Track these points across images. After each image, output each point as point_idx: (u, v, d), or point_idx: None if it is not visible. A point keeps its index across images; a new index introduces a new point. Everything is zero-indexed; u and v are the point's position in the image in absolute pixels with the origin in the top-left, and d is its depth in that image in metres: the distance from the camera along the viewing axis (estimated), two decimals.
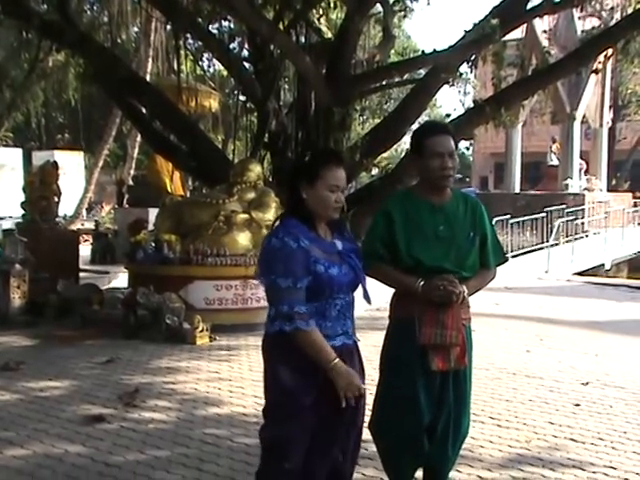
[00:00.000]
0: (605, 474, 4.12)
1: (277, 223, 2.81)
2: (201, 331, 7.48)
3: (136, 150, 22.48)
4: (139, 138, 19.81)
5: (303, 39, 10.53)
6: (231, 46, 12.49)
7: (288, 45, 9.52)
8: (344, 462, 2.91)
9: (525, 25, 14.68)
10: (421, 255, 3.18)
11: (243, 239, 8.39)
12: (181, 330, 7.56)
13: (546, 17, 18.17)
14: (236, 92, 12.89)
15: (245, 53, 12.39)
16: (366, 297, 2.91)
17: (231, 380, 6.05)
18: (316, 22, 10.50)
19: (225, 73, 18.99)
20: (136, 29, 22.00)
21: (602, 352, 7.37)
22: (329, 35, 10.60)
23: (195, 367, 6.46)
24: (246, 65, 11.19)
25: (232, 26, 12.80)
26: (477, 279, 3.29)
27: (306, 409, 2.73)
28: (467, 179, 51.15)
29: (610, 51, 11.08)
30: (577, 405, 5.45)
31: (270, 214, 8.42)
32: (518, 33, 14.38)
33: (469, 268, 3.24)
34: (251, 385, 5.81)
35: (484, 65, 9.93)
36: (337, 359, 2.67)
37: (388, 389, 3.30)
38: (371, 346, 7.25)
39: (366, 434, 4.66)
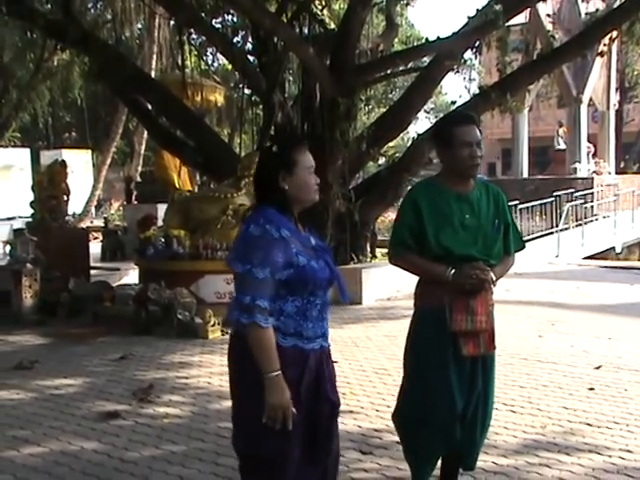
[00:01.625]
0: (621, 457, 4.12)
1: (253, 212, 2.68)
2: (213, 325, 7.51)
3: (143, 147, 22.51)
4: (146, 135, 19.83)
5: (306, 31, 10.51)
6: (235, 40, 12.48)
7: (291, 37, 9.51)
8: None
9: (529, 10, 14.60)
10: (450, 244, 3.21)
11: None
12: (193, 325, 7.59)
13: (549, 1, 18.07)
14: (241, 86, 12.89)
15: (249, 46, 12.36)
16: (343, 295, 2.84)
17: None
18: (319, 13, 10.49)
19: (229, 67, 18.98)
20: (140, 26, 22.00)
21: (615, 335, 7.34)
22: (332, 26, 10.58)
23: (208, 361, 6.49)
24: (250, 58, 11.19)
25: (235, 20, 12.79)
26: (501, 266, 3.36)
27: (300, 417, 2.59)
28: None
29: (615, 33, 11.01)
30: (591, 389, 5.43)
31: None
32: (522, 18, 14.34)
33: (495, 255, 3.31)
34: None
35: (488, 51, 9.91)
36: (279, 372, 2.51)
37: (420, 377, 3.31)
38: (383, 336, 7.38)
39: (378, 423, 4.71)
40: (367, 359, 6.34)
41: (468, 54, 10.21)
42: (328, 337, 2.77)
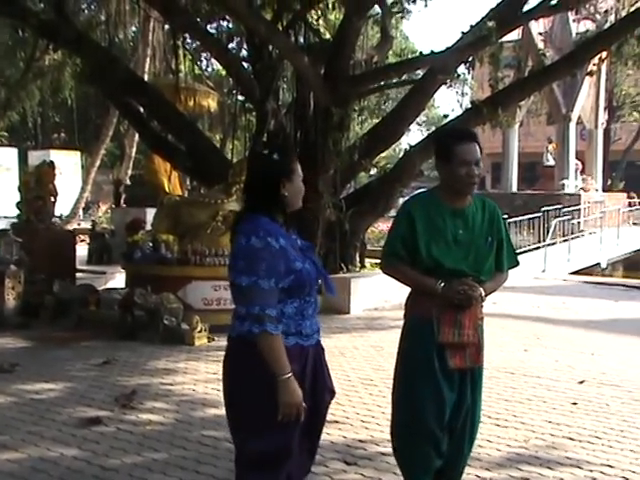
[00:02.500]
0: (602, 472, 4.15)
1: (246, 221, 2.71)
2: (199, 332, 7.48)
3: (134, 150, 22.44)
4: (137, 138, 19.79)
5: (302, 39, 10.54)
6: (229, 46, 12.49)
7: (287, 45, 9.53)
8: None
9: (521, 27, 14.71)
10: (441, 258, 3.22)
11: None
12: (179, 331, 7.55)
13: (542, 19, 18.20)
14: (234, 92, 12.88)
15: (244, 53, 12.37)
16: (330, 290, 2.98)
17: None
18: (314, 23, 10.52)
19: (223, 73, 18.98)
20: (134, 28, 21.97)
21: (598, 351, 7.39)
22: (327, 36, 10.61)
23: (193, 368, 6.46)
24: (245, 65, 11.19)
25: (230, 26, 12.80)
26: (493, 282, 3.37)
27: (300, 419, 2.71)
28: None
29: (605, 53, 11.11)
30: (574, 404, 5.47)
31: None
32: (515, 35, 14.44)
33: (486, 272, 3.32)
34: None
35: (481, 66, 9.97)
36: (291, 374, 2.64)
37: (411, 388, 3.32)
38: (370, 346, 7.39)
39: (363, 434, 4.71)
40: (353, 369, 6.34)
41: (461, 69, 10.27)
42: (320, 330, 2.90)
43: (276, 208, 2.75)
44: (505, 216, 3.70)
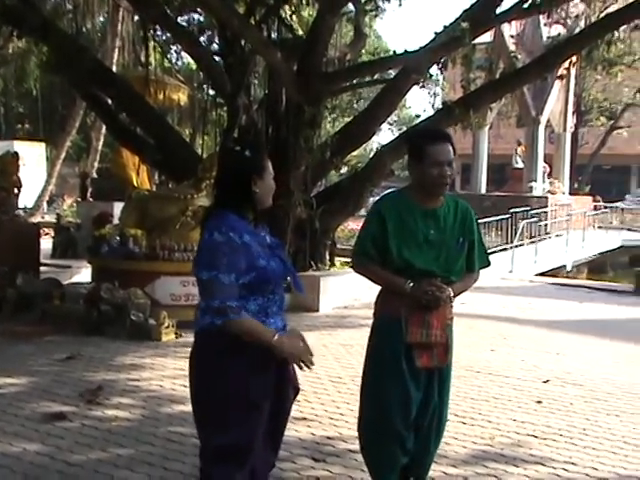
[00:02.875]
0: (565, 469, 4.20)
1: (213, 217, 2.74)
2: (167, 327, 7.41)
3: (100, 142, 22.16)
4: (104, 130, 19.53)
5: (275, 35, 10.48)
6: (201, 39, 12.37)
7: (259, 40, 9.47)
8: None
9: (494, 29, 14.82)
10: (411, 258, 3.22)
11: None
12: (146, 326, 7.47)
13: (514, 22, 18.38)
14: (205, 86, 12.78)
15: (215, 47, 12.26)
16: (298, 287, 3.00)
17: None
18: (288, 18, 10.47)
19: (194, 66, 18.84)
20: (102, 18, 21.65)
21: (563, 351, 7.48)
22: (301, 32, 10.57)
23: (160, 364, 6.39)
24: (216, 59, 11.09)
25: (202, 19, 12.68)
26: (463, 282, 3.38)
27: (263, 406, 2.74)
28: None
29: (575, 58, 11.25)
30: (539, 402, 5.53)
31: None
32: (487, 37, 14.54)
33: (457, 272, 3.32)
34: None
35: (453, 67, 10.01)
36: (277, 333, 2.70)
37: (378, 386, 3.33)
38: (339, 344, 7.39)
39: (331, 431, 4.71)
40: (323, 367, 6.33)
41: (434, 69, 10.30)
42: (287, 326, 2.90)
43: (246, 205, 2.78)
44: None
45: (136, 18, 15.26)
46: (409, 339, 3.22)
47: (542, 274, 16.07)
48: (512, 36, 22.01)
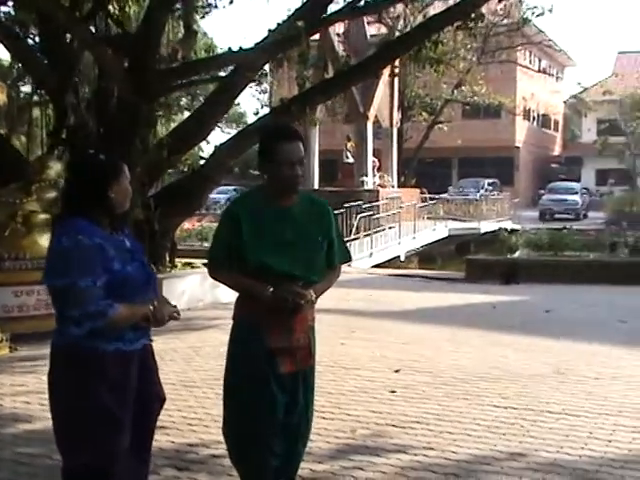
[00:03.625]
0: (425, 455, 4.36)
1: (61, 224, 2.68)
2: (0, 342, 6.92)
3: None
4: None
5: (103, 31, 10.06)
6: (21, 34, 11.61)
7: (88, 36, 9.06)
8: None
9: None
10: (269, 261, 3.13)
11: (45, 241, 7.81)
12: None
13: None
14: (23, 84, 12.03)
15: (38, 42, 11.56)
16: (156, 291, 2.94)
17: (40, 393, 5.61)
18: (117, 14, 10.08)
19: (8, 62, 17.67)
20: None
21: (408, 340, 7.78)
22: (131, 28, 10.23)
23: None
24: (38, 55, 10.47)
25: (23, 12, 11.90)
26: (325, 281, 3.34)
27: (124, 423, 2.67)
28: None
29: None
30: (393, 392, 5.70)
31: None
32: (315, 35, 14.77)
33: (317, 272, 3.27)
34: None
35: (289, 65, 10.09)
36: (147, 308, 2.71)
37: (241, 392, 3.24)
38: (188, 348, 7.23)
39: (192, 438, 4.59)
40: (174, 372, 6.16)
41: (267, 67, 10.34)
42: (150, 334, 2.87)
43: (99, 210, 2.70)
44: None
45: None
46: (271, 344, 3.15)
47: (378, 265, 16.66)
48: (338, 34, 22.61)
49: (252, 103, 78.56)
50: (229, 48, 9.93)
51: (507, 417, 5.06)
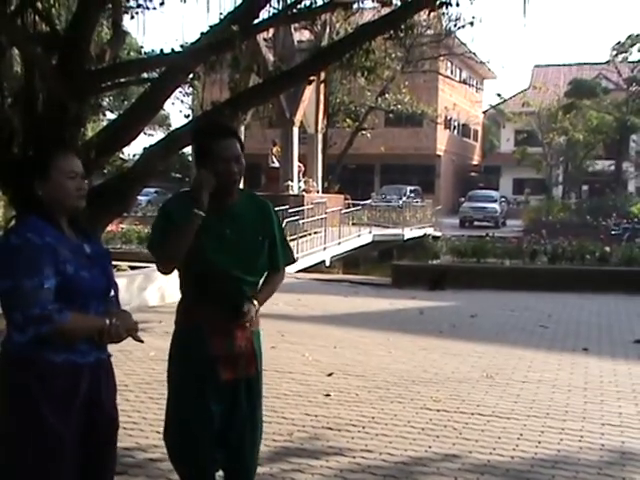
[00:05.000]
0: (363, 457, 4.46)
1: (13, 223, 2.56)
2: None
3: None
4: None
5: (31, 28, 9.77)
6: None
7: (17, 32, 8.79)
8: None
9: None
10: (214, 259, 3.08)
11: None
12: None
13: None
14: None
15: None
16: (117, 303, 2.79)
17: None
18: (46, 12, 9.82)
19: None
20: None
21: (339, 344, 7.88)
22: (60, 26, 9.99)
23: None
24: None
25: None
26: (267, 288, 3.30)
27: (67, 452, 2.51)
28: (187, 179, 51.38)
29: None
30: (327, 395, 5.80)
31: None
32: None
33: (257, 272, 3.23)
34: None
35: (221, 68, 10.05)
36: (103, 321, 2.55)
37: (178, 399, 3.20)
38: (117, 351, 7.04)
39: (127, 441, 4.55)
40: None
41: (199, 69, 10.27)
42: (107, 348, 2.68)
43: (37, 208, 2.54)
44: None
45: None
46: (212, 351, 3.08)
47: (303, 270, 16.74)
48: (265, 39, 22.61)
49: (176, 106, 77.49)
50: (161, 50, 9.82)
51: (440, 419, 5.22)
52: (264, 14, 9.86)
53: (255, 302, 3.15)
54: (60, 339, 2.46)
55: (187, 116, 16.20)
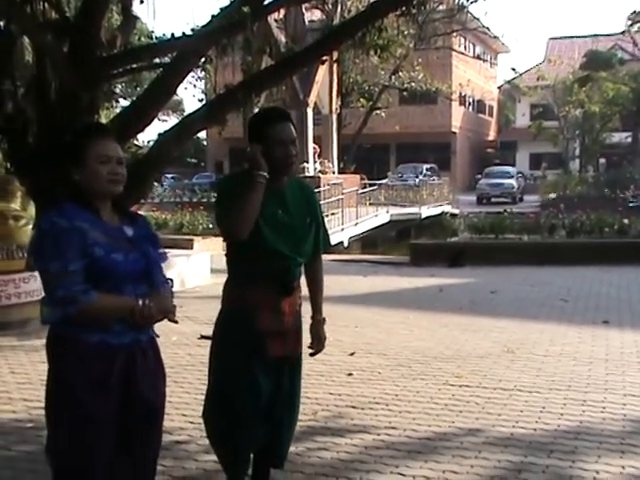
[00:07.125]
0: (388, 434, 4.46)
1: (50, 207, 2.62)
2: None
3: None
4: None
5: (42, 16, 9.77)
6: None
7: (29, 21, 8.79)
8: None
9: None
10: (265, 239, 3.15)
11: None
12: None
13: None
14: None
15: None
16: (158, 287, 2.71)
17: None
18: None
19: None
20: None
21: (359, 324, 7.89)
22: (70, 13, 9.97)
23: None
24: None
25: None
26: (319, 288, 3.50)
27: (109, 423, 2.56)
28: (202, 164, 51.45)
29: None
30: (350, 374, 5.80)
31: (16, 203, 7.83)
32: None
33: (305, 253, 3.30)
34: (17, 389, 5.40)
35: (233, 51, 9.99)
36: (135, 301, 2.53)
37: (225, 374, 3.25)
38: None
39: None
40: None
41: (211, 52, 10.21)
42: (148, 330, 2.70)
43: (76, 194, 2.59)
44: None
45: None
46: (261, 327, 3.15)
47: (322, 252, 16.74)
48: (276, 20, 22.47)
49: (189, 91, 77.32)
50: (172, 34, 9.76)
51: (462, 395, 5.22)
52: None
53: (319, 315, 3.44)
54: (89, 319, 2.50)
55: (201, 100, 16.13)
